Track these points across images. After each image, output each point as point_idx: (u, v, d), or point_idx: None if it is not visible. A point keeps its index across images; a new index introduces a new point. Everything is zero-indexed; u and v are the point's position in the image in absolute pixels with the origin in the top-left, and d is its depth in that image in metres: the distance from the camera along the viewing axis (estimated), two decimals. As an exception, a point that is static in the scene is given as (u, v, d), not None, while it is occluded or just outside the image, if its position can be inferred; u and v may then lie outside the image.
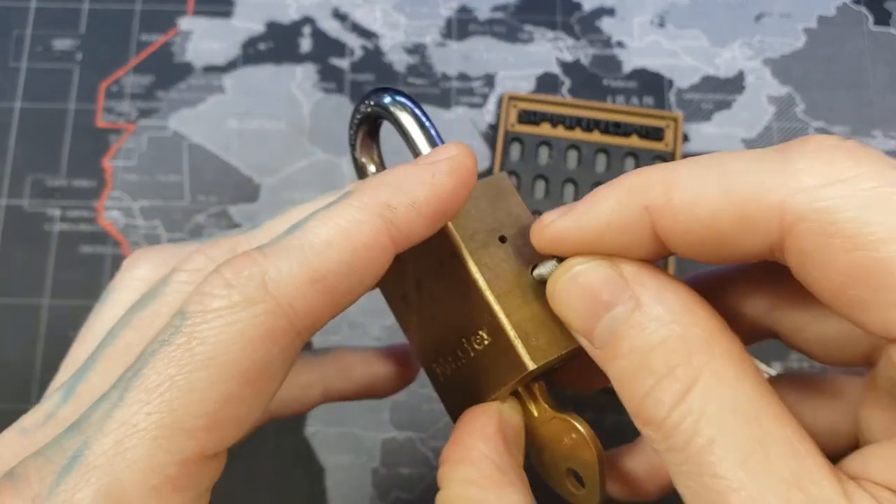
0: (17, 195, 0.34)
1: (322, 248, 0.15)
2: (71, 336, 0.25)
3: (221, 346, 0.14)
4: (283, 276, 0.14)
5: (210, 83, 0.35)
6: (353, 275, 0.15)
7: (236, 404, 0.14)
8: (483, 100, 0.35)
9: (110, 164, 0.34)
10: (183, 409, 0.14)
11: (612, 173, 0.34)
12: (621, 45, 0.36)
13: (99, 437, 0.14)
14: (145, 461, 0.13)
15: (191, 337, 0.14)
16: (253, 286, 0.14)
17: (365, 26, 0.36)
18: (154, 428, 0.13)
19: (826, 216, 0.13)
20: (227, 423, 0.14)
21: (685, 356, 0.14)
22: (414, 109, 0.18)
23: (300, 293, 0.14)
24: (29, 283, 0.33)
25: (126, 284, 0.19)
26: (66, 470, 0.14)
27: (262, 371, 0.14)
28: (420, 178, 0.16)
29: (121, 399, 0.14)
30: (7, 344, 0.32)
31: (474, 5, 0.37)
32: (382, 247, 0.15)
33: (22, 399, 0.31)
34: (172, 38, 0.36)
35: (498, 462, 0.17)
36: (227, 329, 0.14)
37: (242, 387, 0.14)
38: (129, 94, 0.35)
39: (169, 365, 0.14)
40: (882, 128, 0.35)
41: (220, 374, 0.14)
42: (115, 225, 0.34)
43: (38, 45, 0.36)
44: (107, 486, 0.13)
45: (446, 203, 0.16)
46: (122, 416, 0.14)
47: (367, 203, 0.15)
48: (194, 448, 0.14)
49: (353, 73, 0.36)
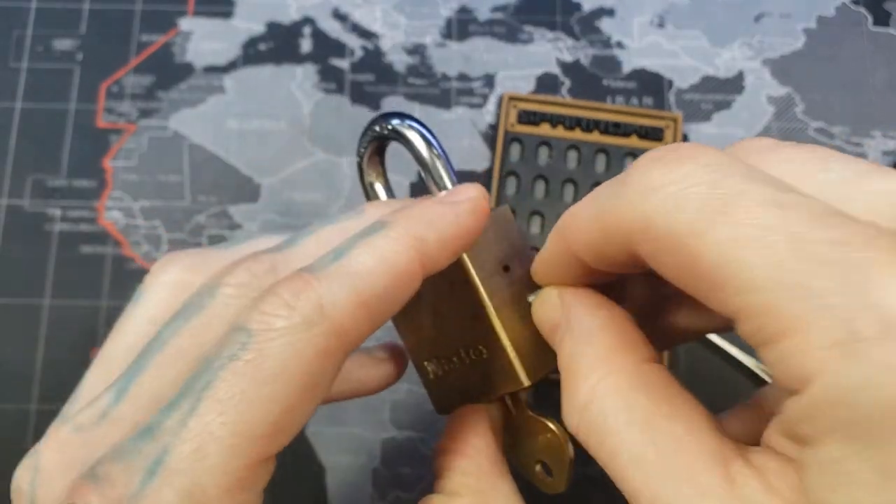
0: (17, 195, 0.34)
1: (367, 275, 0.17)
2: (72, 335, 0.25)
3: (285, 362, 0.16)
4: (336, 301, 0.16)
5: (210, 83, 0.35)
6: (392, 298, 0.17)
7: (295, 413, 0.16)
8: (483, 100, 0.35)
9: (111, 164, 0.34)
10: (252, 419, 0.15)
11: (611, 173, 0.34)
12: (621, 46, 0.36)
13: (178, 444, 0.15)
14: (221, 466, 0.15)
15: (258, 354, 0.16)
16: (310, 308, 0.16)
17: (365, 27, 0.36)
18: (228, 436, 0.15)
19: (644, 224, 0.15)
20: (287, 429, 0.16)
21: (586, 373, 0.16)
22: (428, 137, 0.21)
23: (349, 315, 0.16)
24: (29, 282, 0.33)
25: (157, 287, 0.20)
26: (150, 474, 0.15)
27: (317, 384, 0.16)
28: (447, 216, 0.18)
29: (194, 409, 0.15)
30: (7, 343, 0.32)
31: (474, 6, 0.37)
32: (415, 273, 0.17)
33: (23, 399, 0.32)
34: (173, 38, 0.36)
35: (491, 456, 0.19)
36: (290, 348, 0.16)
37: (301, 398, 0.16)
38: (129, 94, 0.35)
39: (240, 379, 0.15)
40: (881, 128, 0.35)
41: (283, 388, 0.16)
42: (115, 225, 0.34)
43: (39, 45, 0.36)
44: (189, 488, 0.15)
45: (467, 239, 0.18)
46: (198, 425, 0.15)
47: (402, 235, 0.17)
48: (260, 453, 0.15)
49: (353, 73, 0.36)
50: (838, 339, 0.12)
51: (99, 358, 0.20)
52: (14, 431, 0.31)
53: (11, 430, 0.31)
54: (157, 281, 0.20)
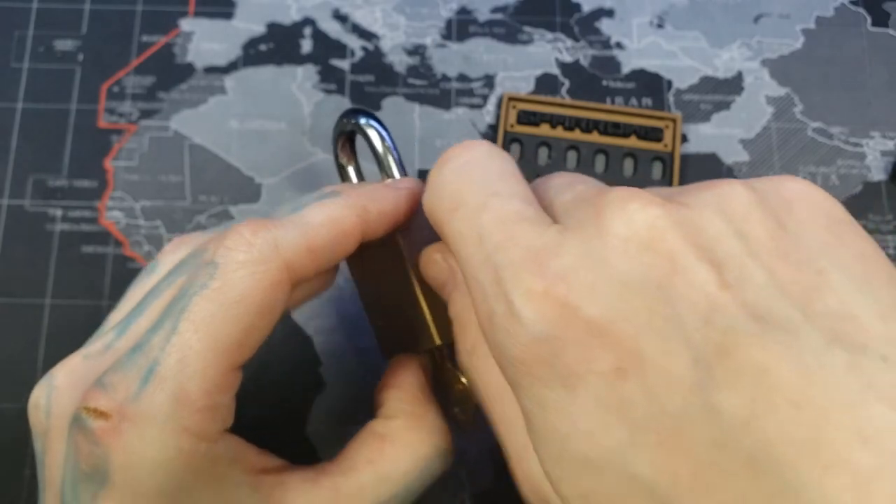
0: (18, 195, 0.34)
1: (316, 226, 0.21)
2: (73, 335, 0.25)
3: (245, 290, 0.19)
4: (288, 243, 0.20)
5: (211, 84, 0.35)
6: (334, 249, 0.21)
7: (255, 332, 0.20)
8: (483, 100, 0.35)
9: (112, 164, 0.34)
10: (222, 336, 0.19)
11: (610, 173, 0.34)
12: (620, 47, 0.36)
13: (164, 357, 0.19)
14: (200, 373, 0.19)
15: (223, 283, 0.19)
16: (266, 246, 0.20)
17: (365, 27, 0.36)
18: (204, 349, 0.19)
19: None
20: (249, 344, 0.20)
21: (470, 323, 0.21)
22: (383, 134, 0.25)
23: (298, 256, 0.20)
24: (30, 282, 0.33)
25: (167, 263, 0.23)
26: (144, 381, 0.19)
27: (272, 308, 0.20)
28: (388, 196, 0.23)
29: (175, 329, 0.19)
30: (9, 343, 0.32)
31: (474, 7, 0.37)
32: (356, 235, 0.22)
33: (24, 398, 0.32)
34: (174, 38, 0.36)
35: (422, 388, 0.24)
36: (249, 278, 0.19)
37: (259, 319, 0.19)
38: (130, 94, 0.35)
39: (209, 303, 0.19)
40: (880, 128, 0.35)
41: (245, 310, 0.19)
42: (116, 225, 0.34)
43: (40, 45, 0.36)
44: (175, 391, 0.18)
45: (401, 216, 0.23)
46: (179, 341, 0.19)
47: (351, 203, 0.22)
48: (230, 362, 0.19)
49: (353, 74, 0.36)
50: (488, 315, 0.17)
51: (111, 315, 0.24)
52: (15, 431, 0.31)
53: (13, 429, 0.31)
54: (167, 260, 0.23)
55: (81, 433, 0.19)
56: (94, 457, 0.18)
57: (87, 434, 0.18)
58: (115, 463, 0.18)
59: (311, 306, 0.33)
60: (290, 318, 0.33)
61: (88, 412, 0.19)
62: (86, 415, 0.19)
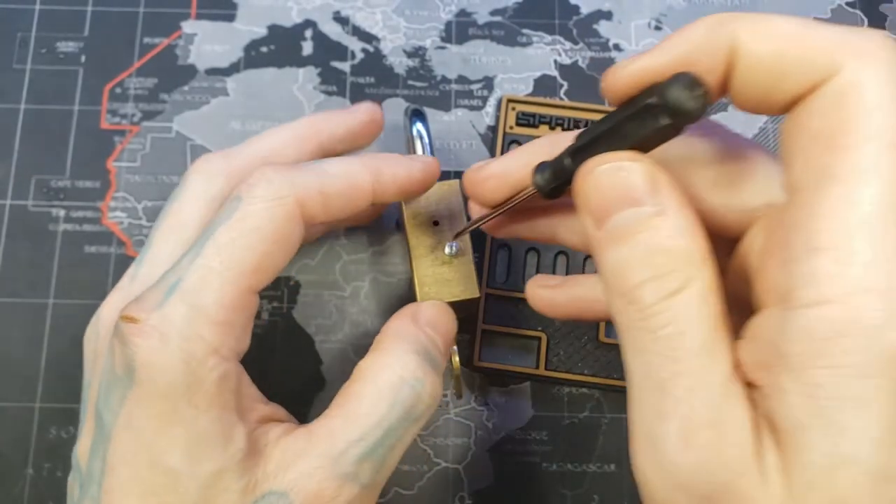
0: (22, 196, 0.34)
1: (330, 175, 0.24)
2: (76, 335, 0.25)
3: (262, 220, 0.22)
4: (303, 183, 0.23)
5: (213, 85, 0.36)
6: (345, 199, 0.24)
7: (271, 258, 0.22)
8: (482, 102, 0.36)
9: (114, 165, 0.35)
10: (241, 259, 0.22)
11: (609, 175, 0.34)
12: (618, 49, 0.37)
13: (188, 275, 0.21)
14: (219, 290, 0.21)
15: (244, 213, 0.22)
16: (284, 184, 0.22)
17: (365, 30, 0.37)
18: (224, 270, 0.21)
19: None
20: (266, 269, 0.22)
21: (684, 265, 0.17)
22: (421, 128, 0.30)
23: (311, 196, 0.23)
24: (33, 282, 0.33)
25: (188, 196, 0.26)
26: (169, 293, 0.21)
27: (285, 238, 0.22)
28: (404, 164, 0.25)
29: (199, 253, 0.22)
30: (12, 343, 0.32)
31: (473, 9, 0.37)
32: (367, 190, 0.24)
33: (27, 398, 0.32)
34: (176, 40, 0.36)
35: (395, 329, 0.25)
36: (266, 210, 0.22)
37: (275, 248, 0.22)
38: (132, 96, 0.36)
39: (231, 231, 0.22)
40: (876, 130, 0.36)
41: (261, 238, 0.22)
42: (119, 225, 0.34)
43: (43, 47, 0.36)
44: (195, 303, 0.21)
45: (411, 186, 0.26)
46: (202, 262, 0.21)
47: (366, 163, 0.25)
48: (247, 284, 0.22)
49: (353, 75, 0.36)
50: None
51: (162, 231, 0.26)
52: (18, 430, 0.31)
53: (16, 428, 0.31)
54: (188, 196, 0.26)
55: (117, 337, 0.21)
56: (125, 357, 0.21)
57: (120, 337, 0.21)
58: (140, 360, 0.20)
59: (311, 306, 0.33)
60: (291, 318, 0.33)
61: (123, 319, 0.21)
62: (121, 322, 0.21)
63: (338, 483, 0.21)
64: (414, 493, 0.31)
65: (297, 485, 0.21)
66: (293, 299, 0.33)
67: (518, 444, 0.32)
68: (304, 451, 0.22)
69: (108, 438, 0.21)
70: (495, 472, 0.31)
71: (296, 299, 0.33)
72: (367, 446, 0.22)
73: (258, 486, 0.21)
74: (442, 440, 0.32)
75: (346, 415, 0.22)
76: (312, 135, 0.28)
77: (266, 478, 0.21)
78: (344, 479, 0.21)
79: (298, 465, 0.21)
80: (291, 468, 0.21)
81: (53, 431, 0.32)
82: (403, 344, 0.24)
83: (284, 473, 0.21)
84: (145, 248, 0.26)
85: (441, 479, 0.31)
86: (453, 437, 0.32)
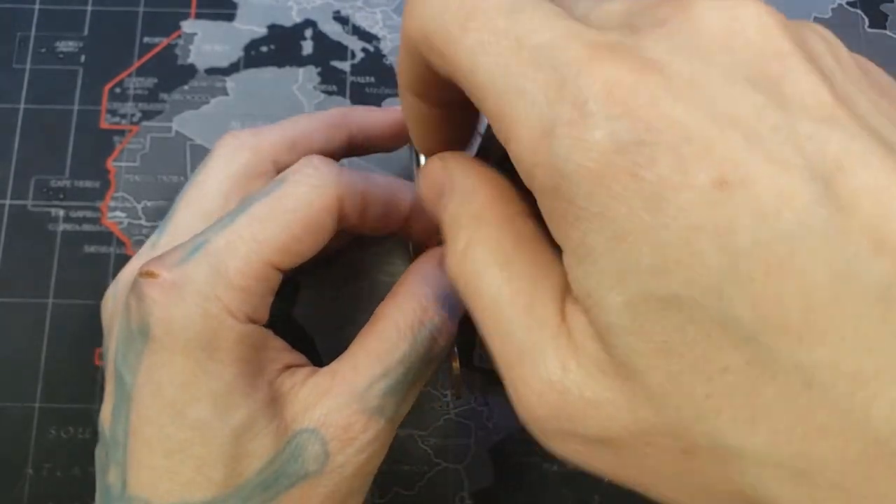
0: (21, 196, 0.34)
1: (375, 185, 0.24)
2: (75, 335, 0.25)
3: (299, 203, 0.22)
4: (348, 182, 0.23)
5: (213, 85, 0.36)
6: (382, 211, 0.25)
7: (299, 243, 0.22)
8: (482, 102, 0.36)
9: (114, 164, 0.35)
10: (270, 233, 0.22)
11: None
12: (619, 48, 0.37)
13: (215, 239, 0.21)
14: (243, 257, 0.21)
15: (284, 193, 0.22)
16: (331, 177, 0.23)
17: (366, 29, 0.37)
18: (251, 240, 0.21)
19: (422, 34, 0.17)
20: (293, 251, 0.22)
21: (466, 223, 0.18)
22: None
23: (351, 196, 0.23)
24: (33, 282, 0.33)
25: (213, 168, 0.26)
26: (192, 252, 0.21)
27: (318, 227, 0.22)
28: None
29: (232, 220, 0.22)
30: (11, 343, 0.32)
31: (474, 8, 0.37)
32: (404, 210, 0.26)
33: (26, 398, 0.32)
34: (175, 40, 0.36)
35: (412, 272, 0.25)
36: (305, 195, 0.22)
37: (305, 234, 0.22)
38: (132, 95, 0.36)
39: (267, 207, 0.22)
40: (877, 129, 0.36)
41: (295, 220, 0.22)
42: (119, 225, 0.34)
43: (42, 47, 0.36)
44: (216, 265, 0.21)
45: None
46: (233, 229, 0.22)
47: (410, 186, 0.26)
48: (271, 258, 0.22)
49: (353, 75, 0.36)
50: (544, 129, 0.14)
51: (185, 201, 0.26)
52: (18, 430, 0.31)
53: (15, 428, 0.31)
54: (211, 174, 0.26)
55: (133, 293, 0.21)
56: (141, 312, 0.21)
57: (137, 292, 0.21)
58: (156, 315, 0.20)
59: (312, 306, 0.33)
60: (291, 318, 0.33)
61: (143, 275, 0.21)
62: (139, 277, 0.21)
63: (366, 417, 0.22)
64: (414, 493, 0.31)
65: (326, 421, 0.21)
66: (293, 299, 0.33)
67: (518, 444, 0.32)
68: (329, 389, 0.22)
69: (129, 398, 0.21)
70: (496, 472, 0.31)
71: (296, 299, 0.33)
72: (391, 382, 0.22)
73: (288, 428, 0.21)
74: (442, 440, 0.32)
75: (368, 353, 0.23)
76: (343, 125, 0.28)
77: (295, 418, 0.21)
78: (371, 413, 0.22)
79: (325, 402, 0.22)
80: (319, 406, 0.22)
81: (53, 431, 0.31)
82: (426, 288, 0.24)
83: (312, 411, 0.22)
84: (167, 217, 0.26)
85: (441, 480, 0.31)
86: (453, 437, 0.32)
